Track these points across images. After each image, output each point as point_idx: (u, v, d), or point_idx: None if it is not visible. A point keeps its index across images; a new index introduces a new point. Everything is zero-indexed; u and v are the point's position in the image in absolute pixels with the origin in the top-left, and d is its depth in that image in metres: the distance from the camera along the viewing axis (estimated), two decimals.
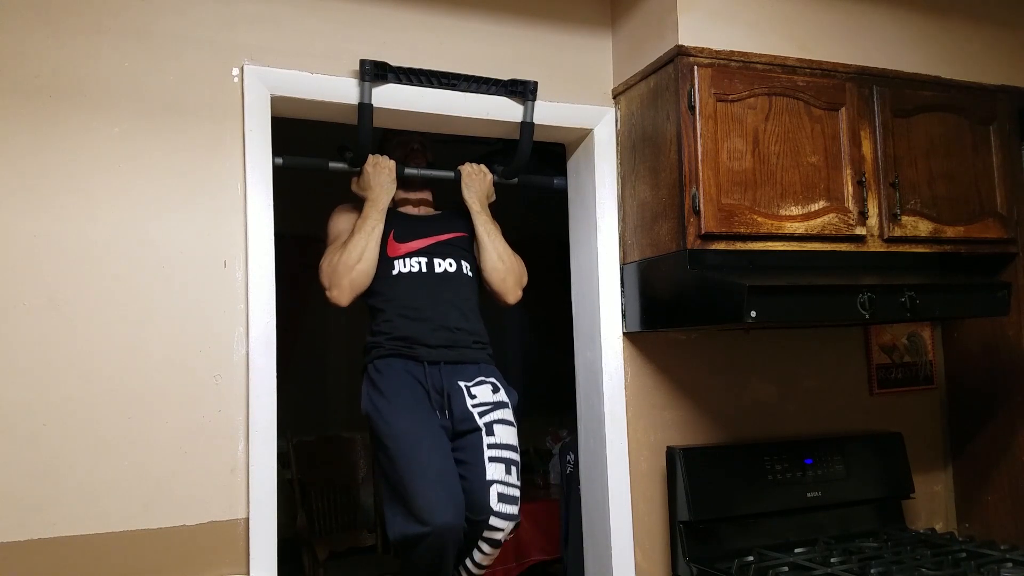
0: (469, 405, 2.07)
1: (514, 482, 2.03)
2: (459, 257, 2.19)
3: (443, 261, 2.16)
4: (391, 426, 2.01)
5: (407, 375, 2.08)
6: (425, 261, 2.15)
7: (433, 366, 2.09)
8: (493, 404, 2.09)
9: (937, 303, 2.11)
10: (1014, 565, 2.03)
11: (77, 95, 1.79)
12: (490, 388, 2.12)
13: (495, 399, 2.11)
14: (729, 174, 2.04)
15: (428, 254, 2.16)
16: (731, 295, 1.88)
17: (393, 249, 2.16)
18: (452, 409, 2.07)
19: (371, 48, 2.08)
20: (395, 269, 2.14)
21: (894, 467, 2.50)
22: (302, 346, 4.91)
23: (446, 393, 2.07)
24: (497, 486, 2.00)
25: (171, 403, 1.81)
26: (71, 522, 1.71)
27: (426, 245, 2.16)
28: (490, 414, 2.07)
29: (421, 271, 2.14)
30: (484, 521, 1.97)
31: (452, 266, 2.16)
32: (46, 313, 1.73)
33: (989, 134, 2.40)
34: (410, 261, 2.14)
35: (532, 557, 3.43)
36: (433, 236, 2.19)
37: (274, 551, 1.87)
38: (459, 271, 2.17)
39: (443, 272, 2.15)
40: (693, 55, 2.05)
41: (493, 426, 2.06)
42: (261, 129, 1.95)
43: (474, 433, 2.05)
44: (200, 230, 1.87)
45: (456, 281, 2.16)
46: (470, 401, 2.07)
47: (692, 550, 2.20)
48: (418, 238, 2.17)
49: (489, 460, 2.02)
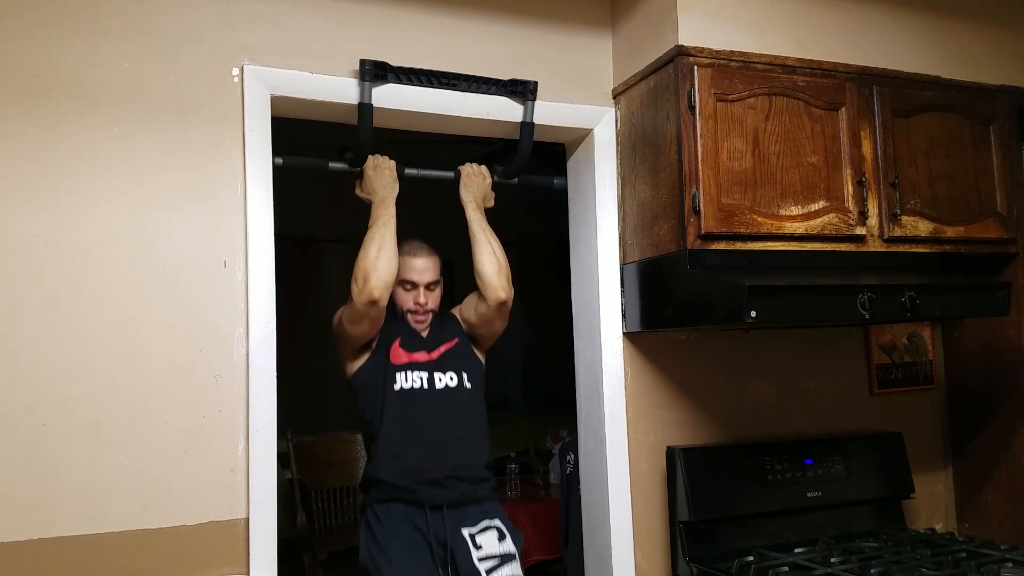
0: (475, 559, 1.99)
1: None
2: (459, 368, 2.15)
3: (444, 375, 2.12)
4: None
5: (407, 524, 2.01)
6: (426, 376, 2.11)
7: (435, 511, 2.02)
8: (500, 557, 2.01)
9: (937, 303, 2.11)
10: (1014, 565, 2.04)
11: (77, 95, 1.79)
12: (496, 535, 2.05)
13: (502, 550, 2.03)
14: (729, 174, 2.04)
15: (429, 368, 2.12)
16: (731, 295, 1.88)
17: (396, 356, 2.11)
18: (456, 565, 1.99)
19: (371, 48, 2.08)
20: (397, 383, 2.08)
21: (894, 467, 2.50)
22: (302, 346, 4.91)
23: (449, 547, 2.00)
24: None
25: (171, 403, 1.81)
26: (71, 522, 1.71)
27: (428, 359, 2.13)
28: (498, 571, 2.00)
29: (422, 387, 2.09)
30: None
31: (453, 380, 2.13)
32: (46, 313, 1.73)
33: (989, 134, 2.40)
34: (412, 376, 2.10)
35: (532, 557, 3.43)
36: (434, 350, 2.15)
37: (274, 551, 1.87)
38: (460, 385, 2.13)
39: (444, 388, 2.11)
40: (693, 55, 2.05)
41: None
42: (261, 129, 1.94)
43: None
44: (200, 230, 1.87)
45: (457, 398, 2.12)
46: (476, 554, 1.99)
47: (692, 550, 2.20)
48: (421, 349, 2.14)
49: None
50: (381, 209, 2.09)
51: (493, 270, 2.13)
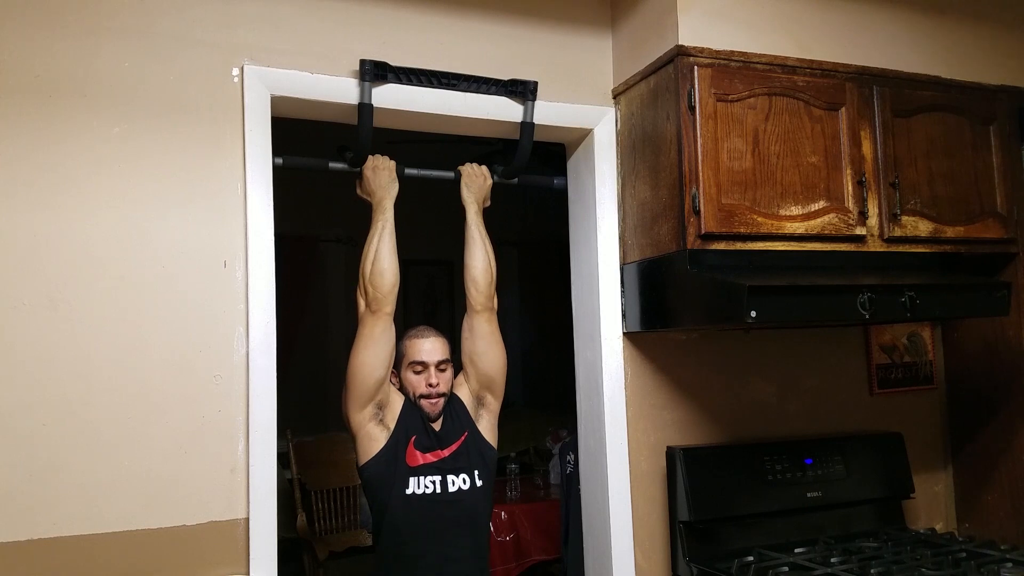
0: None
1: None
2: (471, 467, 2.13)
3: (456, 478, 2.11)
4: None
5: None
6: (439, 480, 2.09)
7: None
8: None
9: (937, 303, 2.11)
10: (1014, 565, 2.04)
11: (77, 95, 1.79)
12: None
13: None
14: (729, 174, 2.04)
15: (443, 471, 2.10)
16: (731, 295, 1.88)
17: (412, 458, 2.09)
18: None
19: (371, 48, 2.08)
20: (409, 488, 2.06)
21: (894, 467, 2.50)
22: (302, 346, 4.91)
23: None
24: None
25: (171, 403, 1.81)
26: (71, 522, 1.71)
27: (441, 458, 2.11)
28: None
29: (435, 492, 2.08)
30: None
31: (466, 483, 2.11)
32: (46, 313, 1.73)
33: (989, 134, 2.40)
34: (424, 481, 2.08)
35: (532, 557, 3.44)
36: (447, 447, 2.13)
37: (274, 551, 1.87)
38: (472, 487, 2.12)
39: (456, 491, 2.10)
40: (693, 55, 2.05)
41: None
42: (261, 129, 1.94)
43: None
44: (200, 230, 1.87)
45: (469, 501, 2.11)
46: None
47: (692, 550, 2.20)
48: (435, 448, 2.12)
49: None
50: (378, 213, 2.10)
51: (486, 277, 2.17)
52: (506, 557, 3.42)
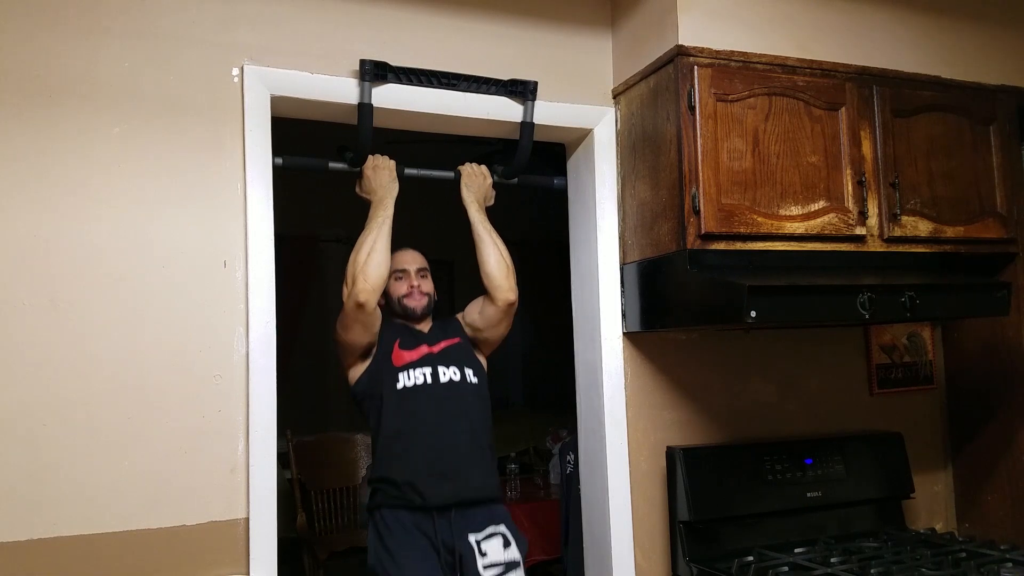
0: (480, 567, 2.02)
1: None
2: (461, 364, 2.16)
3: (447, 369, 2.13)
4: None
5: (416, 532, 2.03)
6: (430, 372, 2.11)
7: (442, 516, 2.03)
8: (505, 565, 2.05)
9: (937, 303, 2.11)
10: (1014, 565, 2.04)
11: (77, 95, 1.79)
12: (501, 542, 2.07)
13: (507, 558, 2.06)
14: (729, 174, 2.04)
15: (432, 363, 2.13)
16: (731, 295, 1.88)
17: (398, 357, 2.12)
18: (463, 570, 2.03)
19: (371, 48, 2.08)
20: (400, 383, 2.09)
21: (894, 467, 2.50)
22: (302, 346, 4.91)
23: (457, 553, 2.03)
24: None
25: (171, 403, 1.81)
26: (71, 522, 1.71)
27: (429, 352, 2.14)
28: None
29: (426, 383, 2.10)
30: None
31: (456, 374, 2.13)
32: (46, 313, 1.73)
33: (989, 134, 2.40)
34: (414, 373, 2.11)
35: (532, 557, 3.43)
36: (435, 344, 2.17)
37: (274, 551, 1.87)
38: (464, 380, 2.14)
39: (448, 382, 2.12)
40: (693, 55, 2.05)
41: None
42: (261, 129, 1.94)
43: None
44: (200, 230, 1.87)
45: (462, 392, 2.13)
46: (481, 561, 2.02)
47: (692, 550, 2.20)
48: (422, 344, 2.15)
49: None
50: (378, 210, 2.10)
51: (502, 272, 2.17)
52: None
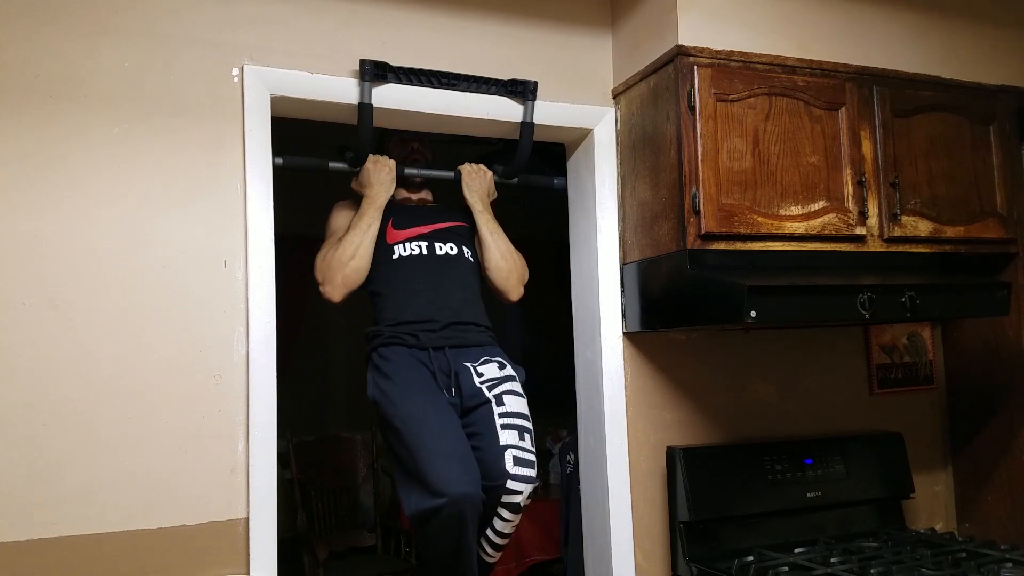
0: (477, 382, 2.04)
1: (528, 447, 2.00)
2: (460, 243, 2.17)
3: (444, 245, 2.14)
4: (399, 407, 1.98)
5: (412, 359, 2.05)
6: (426, 245, 2.12)
7: (438, 351, 2.07)
8: (501, 378, 2.07)
9: (937, 303, 2.11)
10: (1014, 565, 2.04)
11: (77, 95, 1.79)
12: (496, 366, 2.09)
13: (502, 374, 2.08)
14: (729, 174, 2.04)
15: (428, 239, 2.13)
16: (731, 295, 1.88)
17: (392, 236, 2.14)
18: (460, 387, 2.04)
19: (371, 48, 2.08)
20: (395, 254, 2.12)
21: (894, 467, 2.50)
22: (302, 346, 4.90)
23: (453, 372, 2.05)
24: (512, 450, 1.96)
25: (171, 403, 1.81)
26: (71, 522, 1.71)
27: (426, 231, 2.14)
28: (499, 387, 2.05)
29: (422, 254, 2.11)
30: (501, 486, 1.93)
31: (453, 250, 2.14)
32: (46, 313, 1.73)
33: (989, 134, 2.40)
34: (410, 245, 2.12)
35: (532, 557, 3.43)
36: (433, 224, 2.17)
37: (274, 551, 1.87)
38: (460, 254, 2.15)
39: (444, 255, 2.12)
40: (693, 55, 2.05)
41: (503, 396, 2.03)
42: (261, 129, 1.95)
43: (484, 406, 2.02)
44: (200, 230, 1.87)
45: (458, 263, 2.14)
46: (477, 379, 2.05)
47: (692, 550, 2.20)
48: (417, 225, 2.15)
49: (502, 428, 1.99)
50: (370, 208, 2.11)
51: (503, 275, 2.18)
52: (506, 557, 3.41)
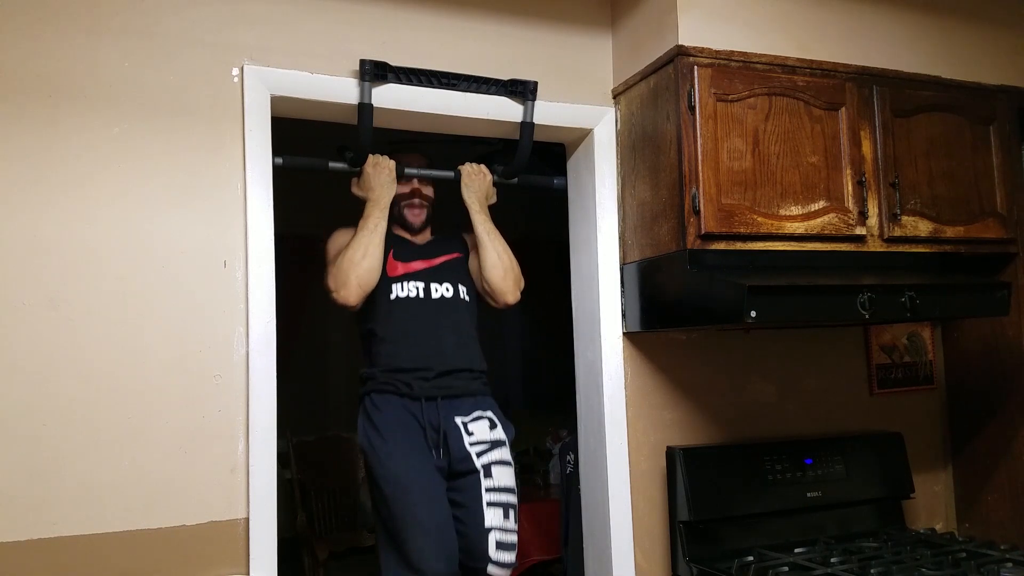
0: (467, 444, 2.05)
1: (512, 527, 2.03)
2: (456, 281, 2.18)
3: (440, 286, 2.15)
4: (387, 468, 2.00)
5: (403, 411, 2.06)
6: (422, 286, 2.13)
7: (430, 402, 2.07)
8: (491, 443, 2.08)
9: (937, 303, 2.11)
10: (1014, 565, 2.04)
11: (77, 95, 1.79)
12: (487, 424, 2.11)
13: (492, 437, 2.10)
14: (729, 174, 2.04)
15: (425, 278, 2.14)
16: (731, 295, 1.88)
17: (392, 268, 2.14)
18: (449, 447, 2.05)
19: (371, 48, 2.08)
20: (392, 293, 2.12)
21: (894, 467, 2.50)
22: (302, 346, 4.91)
23: (442, 431, 2.05)
24: (496, 533, 2.00)
25: (171, 403, 1.81)
26: (71, 522, 1.71)
27: (424, 268, 2.15)
28: (488, 454, 2.06)
29: (419, 296, 2.12)
30: (482, 569, 1.98)
31: (449, 291, 2.15)
32: (46, 313, 1.73)
33: (989, 134, 2.40)
34: (407, 285, 2.13)
35: (532, 557, 3.43)
36: (431, 259, 2.18)
37: (274, 551, 1.87)
38: (456, 296, 2.16)
39: (440, 298, 2.13)
40: (693, 55, 2.05)
41: (491, 468, 2.05)
42: (261, 129, 1.95)
43: (472, 476, 2.04)
44: (200, 230, 1.87)
45: (453, 307, 2.15)
46: (467, 439, 2.06)
47: (692, 550, 2.20)
48: (417, 259, 2.16)
49: (488, 505, 2.01)
50: (374, 210, 2.11)
51: (499, 276, 2.18)
52: None
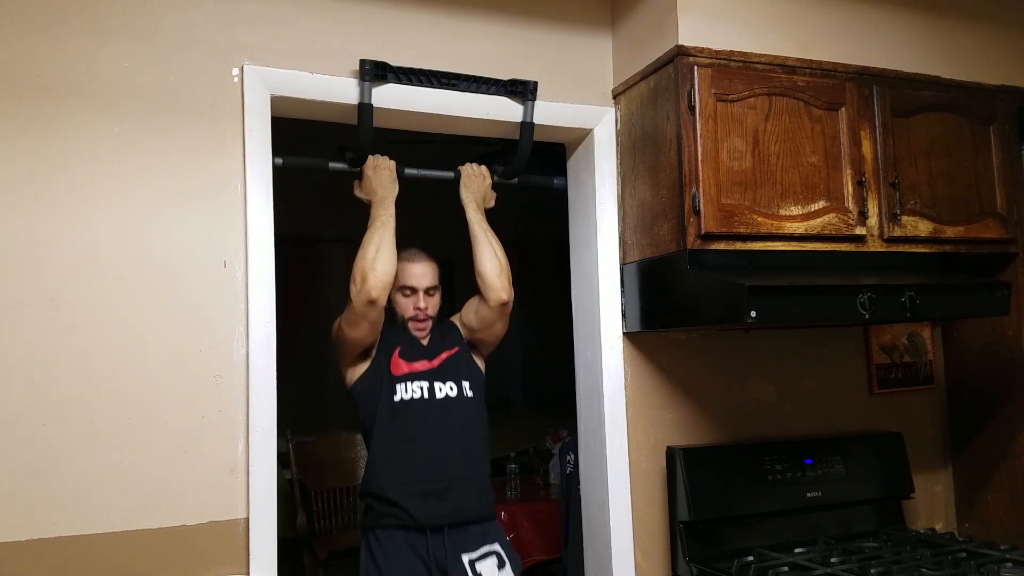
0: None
1: None
2: (459, 378, 2.14)
3: (444, 385, 2.12)
4: None
5: (408, 551, 2.01)
6: (426, 386, 2.10)
7: (435, 535, 2.02)
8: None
9: (937, 303, 2.11)
10: (1014, 565, 2.04)
11: (77, 95, 1.79)
12: (495, 562, 2.06)
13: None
14: (729, 174, 2.04)
15: (429, 377, 2.11)
16: (731, 295, 1.88)
17: (396, 367, 2.11)
18: None
19: (371, 48, 2.08)
20: (397, 394, 2.08)
21: (894, 467, 2.50)
22: (302, 346, 4.90)
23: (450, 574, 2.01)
24: None
25: (171, 403, 1.81)
26: (71, 522, 1.71)
27: (428, 368, 2.12)
28: None
29: (423, 397, 2.09)
30: None
31: (453, 390, 2.12)
32: (46, 313, 1.73)
33: (989, 134, 2.40)
34: (411, 386, 2.09)
35: (532, 557, 3.43)
36: (435, 358, 2.15)
37: (274, 551, 1.87)
38: (460, 395, 2.13)
39: (444, 398, 2.10)
40: (693, 55, 2.05)
41: None
42: (261, 129, 1.94)
43: None
44: (200, 230, 1.87)
45: (458, 408, 2.11)
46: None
47: (692, 550, 2.20)
48: (421, 358, 2.13)
49: None
50: (380, 209, 2.09)
51: (494, 271, 2.14)
52: None
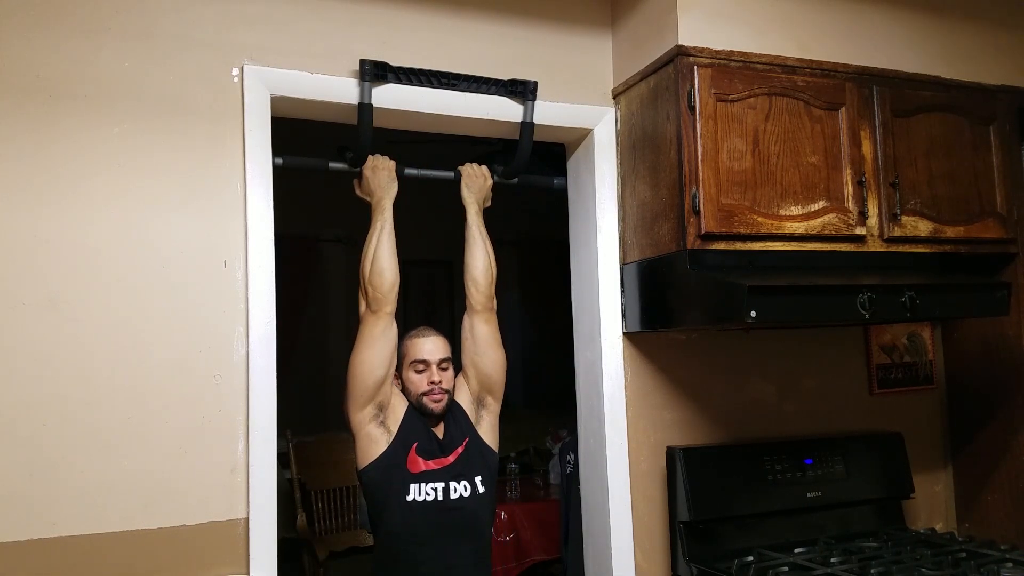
0: None
1: None
2: (471, 475, 2.11)
3: (458, 485, 2.08)
4: None
5: None
6: (441, 487, 2.07)
7: None
8: None
9: (937, 303, 2.11)
10: (1014, 565, 2.04)
11: (77, 95, 1.79)
12: None
13: None
14: (729, 174, 2.04)
15: (444, 477, 2.08)
16: (731, 295, 1.88)
17: (413, 463, 2.07)
18: None
19: (371, 48, 2.08)
20: (410, 495, 2.04)
21: (894, 467, 2.50)
22: (302, 346, 4.91)
23: None
24: None
25: (171, 403, 1.81)
26: (71, 522, 1.71)
27: (444, 466, 2.09)
28: None
29: (436, 499, 2.05)
30: None
31: (467, 490, 2.09)
32: (46, 313, 1.73)
33: (989, 134, 2.40)
34: (425, 488, 2.05)
35: (532, 557, 3.44)
36: (447, 456, 2.11)
37: (274, 551, 1.87)
38: (474, 493, 2.10)
39: (458, 498, 2.08)
40: (693, 55, 2.05)
41: None
42: (261, 129, 1.94)
43: None
44: (200, 230, 1.87)
45: (470, 508, 2.09)
46: None
47: (692, 550, 2.20)
48: (437, 456, 2.10)
49: None
50: (377, 213, 2.10)
51: (487, 277, 2.17)
52: (506, 557, 3.42)
